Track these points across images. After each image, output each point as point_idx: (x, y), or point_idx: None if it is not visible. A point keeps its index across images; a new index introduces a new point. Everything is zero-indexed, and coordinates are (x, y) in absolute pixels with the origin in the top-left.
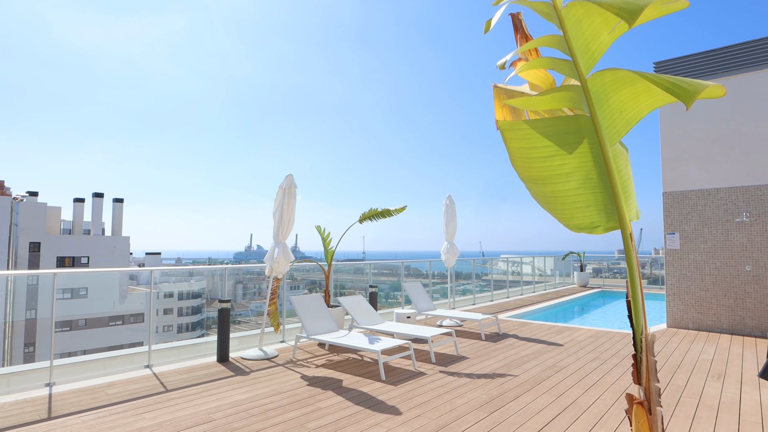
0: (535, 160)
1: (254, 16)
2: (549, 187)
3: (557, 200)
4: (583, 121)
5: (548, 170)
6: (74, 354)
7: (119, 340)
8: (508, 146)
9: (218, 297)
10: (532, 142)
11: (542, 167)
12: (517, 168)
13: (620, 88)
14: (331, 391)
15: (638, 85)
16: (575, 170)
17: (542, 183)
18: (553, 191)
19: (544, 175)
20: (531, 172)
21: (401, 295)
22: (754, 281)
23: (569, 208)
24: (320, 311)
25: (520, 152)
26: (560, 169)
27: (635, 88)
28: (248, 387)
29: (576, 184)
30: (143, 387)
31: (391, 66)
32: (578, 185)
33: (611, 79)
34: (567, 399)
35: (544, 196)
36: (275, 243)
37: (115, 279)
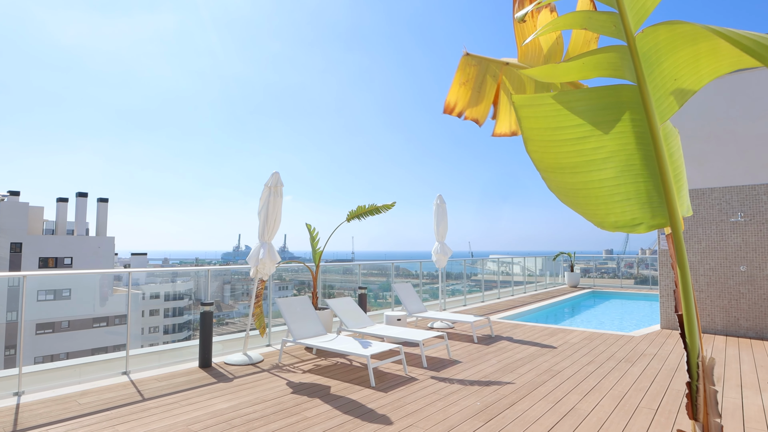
0: (562, 143)
1: (245, 15)
2: (579, 177)
3: (589, 193)
4: (625, 93)
5: (578, 155)
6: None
7: (103, 342)
8: (524, 126)
9: (204, 298)
10: (557, 121)
11: (571, 152)
12: (533, 154)
13: (678, 48)
14: (318, 399)
15: (701, 45)
16: (613, 155)
17: (570, 172)
18: (584, 182)
19: (573, 162)
20: (555, 159)
21: (391, 296)
22: (748, 282)
23: (604, 202)
24: (307, 314)
25: (540, 134)
26: (594, 153)
27: (696, 48)
28: (231, 395)
29: (614, 172)
30: (119, 396)
31: (384, 65)
32: (617, 173)
33: (667, 37)
34: (565, 406)
35: (570, 188)
36: (260, 243)
37: (99, 280)
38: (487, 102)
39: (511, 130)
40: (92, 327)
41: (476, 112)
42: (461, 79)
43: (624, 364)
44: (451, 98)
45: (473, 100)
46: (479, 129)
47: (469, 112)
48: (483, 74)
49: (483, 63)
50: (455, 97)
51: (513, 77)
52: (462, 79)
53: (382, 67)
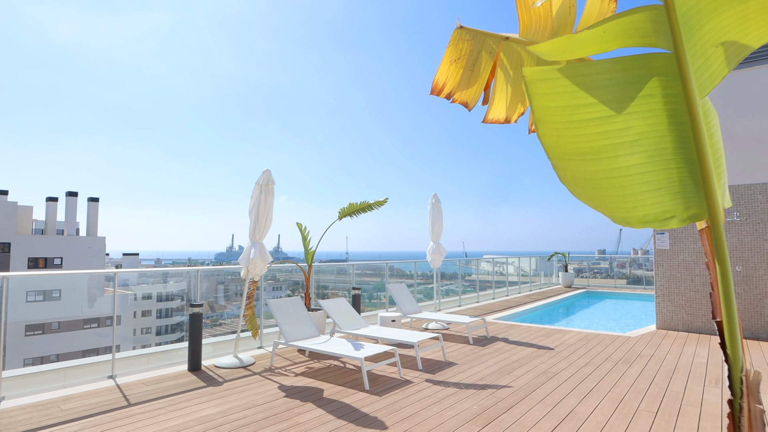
0: (581, 124)
1: (239, 14)
2: (601, 165)
3: (613, 183)
4: (658, 63)
5: (601, 138)
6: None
7: (95, 343)
8: (536, 105)
9: (195, 299)
10: (577, 98)
11: (592, 135)
12: (546, 138)
13: (723, 7)
14: (311, 403)
15: (751, 2)
16: (642, 137)
17: (591, 159)
18: (607, 170)
19: (595, 147)
20: (572, 143)
21: (385, 296)
22: (744, 282)
23: (631, 193)
24: (300, 315)
25: (555, 114)
26: (620, 136)
27: (745, 7)
28: (220, 400)
29: (643, 158)
30: (103, 401)
31: (379, 65)
32: (646, 159)
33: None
34: (563, 409)
35: (590, 177)
36: (251, 243)
37: (90, 280)
38: (481, 83)
39: (506, 116)
40: (83, 328)
41: (467, 93)
42: (452, 56)
43: (621, 365)
44: (440, 77)
45: (464, 80)
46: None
47: (458, 94)
48: (478, 50)
49: (478, 37)
50: (444, 75)
51: (512, 55)
52: (453, 56)
53: (377, 67)
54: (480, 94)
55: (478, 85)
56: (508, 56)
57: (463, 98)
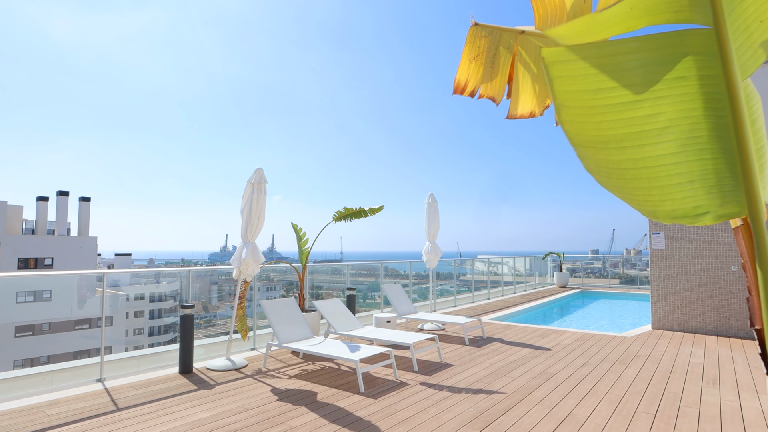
0: (606, 109)
1: (234, 12)
2: (627, 154)
3: (639, 173)
4: (693, 41)
5: (627, 125)
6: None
7: (86, 344)
8: (557, 89)
9: (193, 298)
10: (601, 81)
11: (617, 121)
12: (568, 125)
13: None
14: (304, 407)
15: None
16: (673, 123)
17: (615, 147)
18: (633, 159)
19: (620, 134)
20: (596, 130)
21: (379, 296)
22: (739, 282)
23: (659, 185)
24: (294, 316)
25: (577, 99)
26: (648, 122)
27: None
28: (212, 404)
29: (674, 147)
30: (91, 405)
31: (372, 66)
32: (677, 148)
33: None
34: (561, 411)
35: (615, 167)
36: (244, 243)
37: (80, 281)
38: (503, 77)
39: (530, 110)
40: (74, 329)
41: (491, 88)
42: (471, 54)
43: (618, 366)
44: (461, 75)
45: (487, 76)
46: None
47: (484, 89)
48: (495, 46)
49: (495, 33)
50: (465, 74)
51: (530, 49)
52: (472, 54)
53: (373, 68)
54: (504, 87)
55: (500, 78)
56: (527, 50)
57: (488, 93)
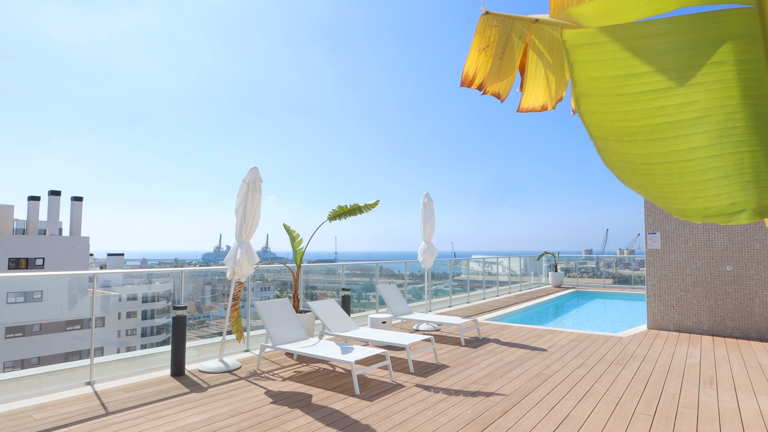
0: (633, 98)
1: (230, 11)
2: (655, 147)
3: (669, 168)
4: (733, 22)
5: (657, 115)
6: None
7: (77, 345)
8: (579, 76)
9: (186, 299)
10: (629, 66)
11: (645, 111)
12: (590, 116)
13: None
14: (298, 410)
15: None
16: (708, 113)
17: (643, 139)
18: (662, 153)
19: (649, 125)
20: (621, 121)
21: (374, 296)
22: (734, 282)
23: (691, 181)
24: (288, 317)
25: (601, 86)
26: (680, 112)
27: None
28: (203, 407)
29: (707, 139)
30: (80, 409)
31: (367, 66)
32: (711, 140)
33: None
34: (559, 413)
35: (642, 162)
36: (238, 243)
37: (71, 281)
38: (513, 70)
39: (542, 102)
40: (65, 330)
41: (498, 84)
42: (481, 44)
43: (615, 366)
44: (470, 68)
45: (495, 68)
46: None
47: (490, 86)
48: (507, 35)
49: (507, 22)
50: (474, 66)
51: (545, 38)
52: (482, 44)
53: (368, 68)
54: (513, 82)
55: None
56: (541, 39)
57: (495, 89)
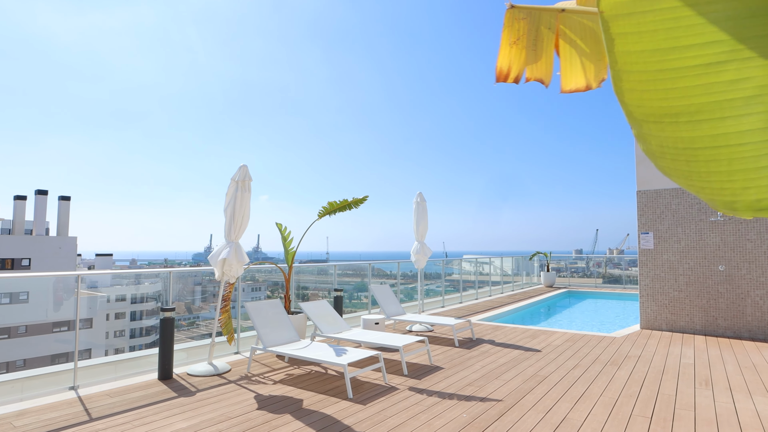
0: (676, 74)
1: (224, 9)
2: (700, 128)
3: (716, 153)
4: None
5: (705, 93)
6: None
7: (64, 347)
8: (618, 50)
9: (176, 299)
10: (674, 38)
11: (691, 88)
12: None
13: None
14: (289, 415)
15: None
16: (764, 92)
17: (685, 120)
18: (710, 135)
19: (693, 104)
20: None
21: (366, 296)
22: (726, 281)
23: (741, 168)
24: (279, 319)
25: (643, 60)
26: (732, 89)
27: None
28: (191, 412)
29: (763, 120)
30: (62, 416)
31: (359, 67)
32: (767, 122)
33: None
34: (556, 416)
35: (686, 146)
36: (227, 243)
37: (56, 282)
38: (548, 57)
39: (586, 83)
40: (52, 332)
41: (538, 69)
42: (511, 38)
43: (610, 367)
44: (503, 62)
45: (531, 58)
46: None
47: (530, 71)
48: (536, 27)
49: (533, 14)
50: (507, 60)
51: (575, 26)
52: (512, 38)
53: (360, 69)
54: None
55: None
56: (571, 28)
57: (536, 75)
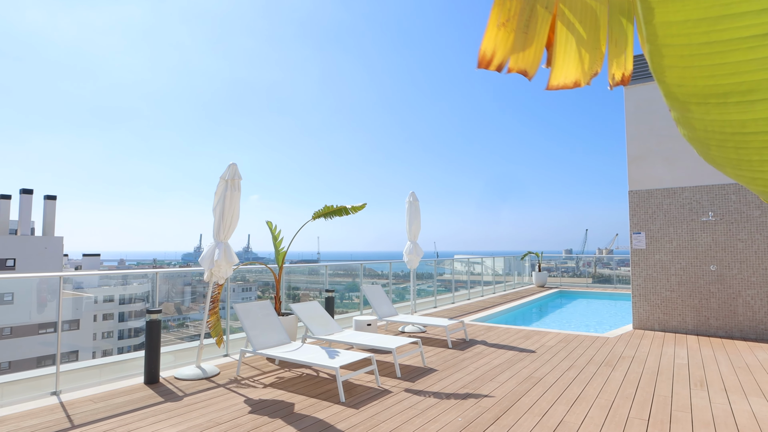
0: (725, 46)
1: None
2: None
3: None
4: None
5: (757, 69)
6: None
7: (49, 350)
8: (658, 20)
9: (165, 300)
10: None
11: (743, 63)
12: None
13: None
14: (280, 420)
15: None
16: None
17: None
18: (764, 119)
19: (747, 82)
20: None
21: (357, 296)
22: (718, 281)
23: None
24: (269, 321)
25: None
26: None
27: None
28: (178, 418)
29: None
30: (42, 423)
31: (350, 67)
32: None
33: None
34: (552, 419)
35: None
36: (216, 243)
37: (40, 283)
38: (539, 44)
39: (575, 79)
40: (38, 333)
41: (524, 59)
42: (500, 18)
43: (605, 368)
44: (487, 46)
45: (519, 44)
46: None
47: (514, 61)
48: (531, 6)
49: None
50: (492, 44)
51: (575, 6)
52: (501, 18)
53: (351, 68)
54: (541, 57)
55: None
56: (571, 8)
57: (520, 65)
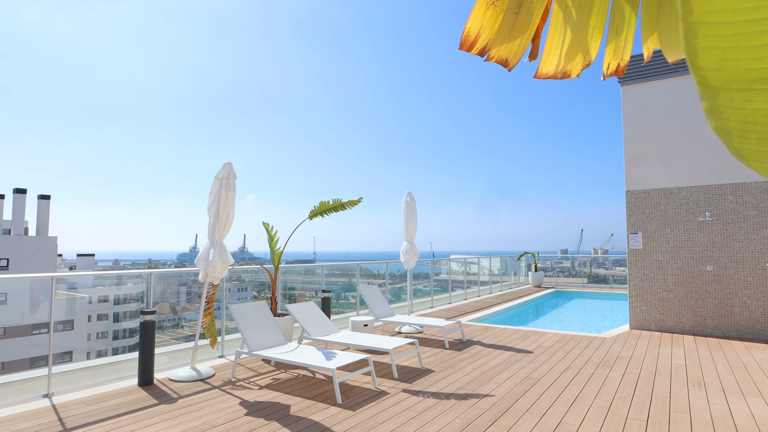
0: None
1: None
2: None
3: None
4: None
5: None
6: None
7: (43, 351)
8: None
9: (160, 300)
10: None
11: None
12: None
13: None
14: (276, 422)
15: None
16: None
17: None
18: None
19: None
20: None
21: (353, 296)
22: (714, 281)
23: None
24: (265, 322)
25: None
26: None
27: None
28: (172, 420)
29: None
30: (34, 426)
31: (346, 67)
32: None
33: None
34: (551, 420)
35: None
36: (211, 243)
37: (33, 284)
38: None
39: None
40: (32, 334)
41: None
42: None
43: (602, 368)
44: (472, 26)
45: (506, 27)
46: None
47: (496, 49)
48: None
49: None
50: (478, 24)
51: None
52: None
53: (347, 68)
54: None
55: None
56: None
57: (502, 54)
